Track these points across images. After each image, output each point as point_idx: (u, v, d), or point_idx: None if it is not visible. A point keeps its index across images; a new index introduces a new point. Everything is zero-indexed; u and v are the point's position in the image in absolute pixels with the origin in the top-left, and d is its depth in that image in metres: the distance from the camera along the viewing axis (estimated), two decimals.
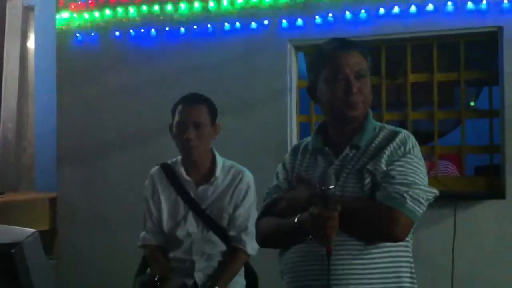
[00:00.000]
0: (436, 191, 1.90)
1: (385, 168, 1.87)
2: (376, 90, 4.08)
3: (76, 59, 4.81)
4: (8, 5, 5.70)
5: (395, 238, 1.84)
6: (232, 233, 2.71)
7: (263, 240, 2.11)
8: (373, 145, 1.95)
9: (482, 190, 3.92)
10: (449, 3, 3.85)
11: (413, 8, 3.93)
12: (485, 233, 3.83)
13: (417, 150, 1.94)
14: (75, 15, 4.75)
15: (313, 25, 4.14)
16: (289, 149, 4.09)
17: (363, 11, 4.03)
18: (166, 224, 2.75)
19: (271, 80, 4.25)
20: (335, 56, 1.95)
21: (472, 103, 5.44)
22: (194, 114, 2.67)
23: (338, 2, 4.07)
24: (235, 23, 4.32)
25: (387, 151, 1.90)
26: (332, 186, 1.75)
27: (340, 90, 1.92)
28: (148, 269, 2.79)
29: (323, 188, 1.75)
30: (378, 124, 2.04)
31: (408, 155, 1.89)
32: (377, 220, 1.82)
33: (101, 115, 4.73)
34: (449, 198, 3.74)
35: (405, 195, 1.81)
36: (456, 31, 3.90)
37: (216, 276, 2.66)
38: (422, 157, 1.95)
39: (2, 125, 5.65)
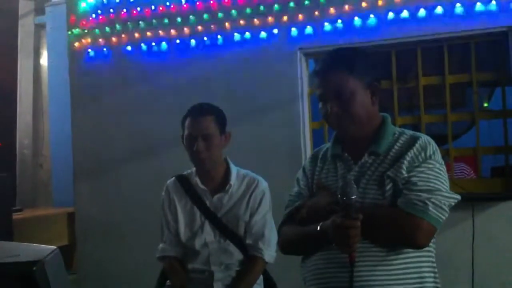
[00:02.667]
0: (458, 196, 1.89)
1: (406, 175, 1.86)
2: (387, 95, 4.09)
3: (88, 74, 4.85)
4: (20, 23, 5.78)
5: (417, 245, 1.84)
6: (248, 241, 2.71)
7: (286, 247, 2.11)
8: (393, 151, 1.95)
9: (499, 192, 3.89)
10: (458, 4, 3.85)
11: (422, 12, 3.92)
12: (503, 234, 3.80)
13: (438, 155, 1.93)
14: (86, 31, 4.80)
15: (323, 32, 4.15)
16: (302, 156, 4.15)
17: (372, 16, 4.03)
18: (183, 234, 2.76)
19: (283, 88, 4.26)
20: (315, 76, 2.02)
21: (485, 104, 5.40)
22: (202, 126, 2.67)
23: (347, 8, 4.08)
24: (245, 33, 4.35)
25: (408, 157, 1.90)
26: (354, 196, 1.75)
27: (323, 110, 1.99)
28: (168, 281, 2.80)
29: (344, 198, 1.75)
30: (398, 129, 2.04)
31: (429, 161, 1.89)
32: (399, 228, 1.82)
33: (115, 129, 4.76)
34: (466, 201, 3.69)
35: (427, 202, 1.81)
36: (466, 33, 3.89)
37: (234, 285, 2.66)
38: (443, 162, 1.94)
39: (18, 142, 5.72)
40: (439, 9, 3.89)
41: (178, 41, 4.54)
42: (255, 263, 2.70)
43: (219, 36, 4.43)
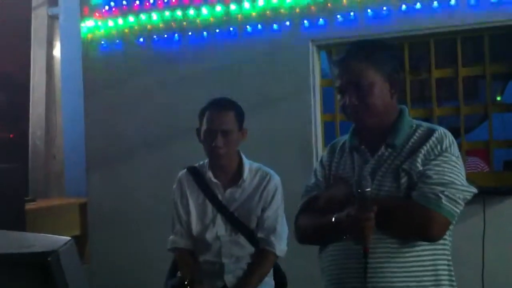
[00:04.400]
0: (474, 190, 1.89)
1: (421, 168, 1.87)
2: (400, 87, 4.06)
3: (101, 66, 4.87)
4: (33, 15, 5.81)
5: (431, 238, 1.86)
6: (260, 235, 2.72)
7: (302, 236, 2.13)
8: (410, 143, 1.95)
9: (511, 185, 3.87)
10: None
11: (435, 3, 3.89)
12: None
13: (455, 147, 1.93)
14: (99, 23, 4.82)
15: (335, 24, 4.14)
16: (314, 148, 4.15)
17: (384, 8, 4.01)
18: (195, 227, 2.78)
19: (294, 80, 4.26)
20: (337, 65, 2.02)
21: (498, 97, 5.36)
22: (222, 121, 2.66)
23: (359, 0, 4.06)
24: (257, 25, 4.34)
25: (423, 150, 1.90)
26: (369, 189, 1.77)
27: (341, 101, 2.01)
28: (179, 272, 2.82)
29: (359, 191, 1.77)
30: (415, 122, 2.04)
31: (445, 154, 1.89)
32: (413, 220, 1.83)
33: (127, 120, 4.78)
34: (478, 194, 3.67)
35: (440, 194, 1.81)
36: (480, 25, 3.85)
37: (246, 278, 2.67)
38: (459, 155, 1.94)
39: (31, 133, 5.76)
40: (452, 1, 3.86)
41: (190, 33, 4.55)
42: (267, 256, 2.71)
43: (231, 28, 4.42)
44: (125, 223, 4.75)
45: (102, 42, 4.83)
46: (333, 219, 1.89)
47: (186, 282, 2.59)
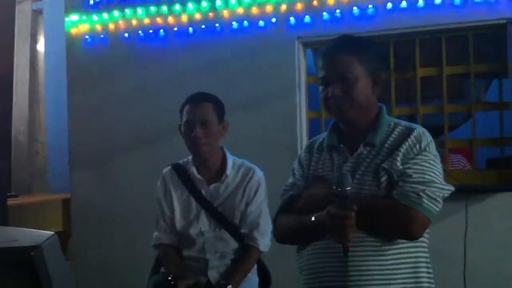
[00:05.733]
0: (451, 187, 1.91)
1: (400, 167, 1.88)
2: (385, 85, 4.09)
3: (86, 61, 4.84)
4: (17, 9, 5.75)
5: (412, 237, 1.87)
6: (244, 230, 2.73)
7: (281, 236, 2.13)
8: (388, 142, 1.96)
9: (493, 183, 3.91)
10: None
11: (420, 2, 3.92)
12: (497, 226, 3.82)
13: (433, 146, 1.94)
14: (84, 17, 4.78)
15: (321, 22, 4.14)
16: (299, 145, 4.16)
17: (370, 6, 4.02)
18: (178, 223, 2.78)
19: (280, 77, 4.26)
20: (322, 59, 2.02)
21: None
22: (201, 112, 2.69)
23: None
24: (243, 22, 4.33)
25: (402, 149, 1.91)
26: (349, 188, 1.77)
27: (323, 93, 1.99)
28: (162, 268, 2.81)
29: (340, 189, 1.77)
30: (394, 120, 2.05)
31: (424, 153, 1.90)
32: (394, 219, 1.84)
33: (112, 116, 4.75)
34: (461, 192, 3.71)
35: (421, 194, 1.82)
36: (465, 24, 3.88)
37: (229, 274, 2.67)
38: (437, 153, 1.95)
39: (14, 128, 5.71)
40: (437, 0, 3.89)
41: (176, 28, 4.53)
42: (250, 252, 2.72)
43: (217, 25, 4.41)
44: (109, 220, 4.72)
45: (87, 37, 4.80)
46: (313, 218, 1.89)
47: (169, 278, 2.59)
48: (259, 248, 2.71)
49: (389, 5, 3.98)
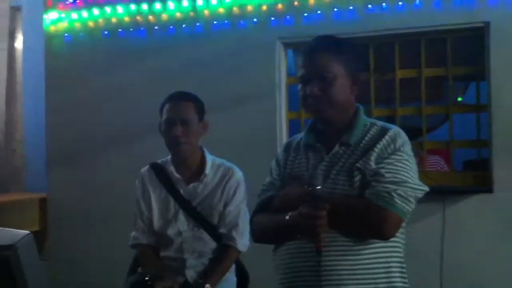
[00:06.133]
0: (426, 188, 1.91)
1: (374, 166, 1.88)
2: (365, 86, 4.12)
3: (64, 59, 4.79)
4: None
5: (383, 236, 1.87)
6: (222, 230, 2.72)
7: (258, 236, 2.12)
8: (363, 142, 1.96)
9: (470, 185, 3.96)
10: None
11: (401, 5, 3.95)
12: (473, 227, 3.87)
13: (407, 146, 1.95)
14: (63, 15, 4.73)
15: (302, 23, 4.16)
16: (278, 145, 4.17)
17: (351, 8, 4.05)
18: (156, 223, 2.76)
19: (261, 78, 4.27)
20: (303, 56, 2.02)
21: (459, 98, 5.47)
22: (181, 111, 2.68)
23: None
24: (224, 22, 4.33)
25: (377, 149, 1.91)
26: (320, 187, 1.77)
27: (302, 91, 2.00)
28: (140, 268, 2.80)
29: (310, 188, 1.77)
30: (369, 120, 2.05)
31: (398, 153, 1.90)
32: (365, 219, 1.84)
33: (90, 115, 4.72)
34: (438, 193, 3.77)
35: (393, 193, 1.82)
36: (444, 27, 3.93)
37: (207, 273, 2.67)
38: (412, 154, 1.96)
39: None
40: (417, 3, 3.92)
41: (156, 27, 4.51)
42: (229, 252, 2.71)
43: (197, 24, 4.40)
44: (86, 219, 4.69)
45: (66, 35, 4.75)
46: (287, 218, 1.89)
47: (147, 278, 2.57)
48: (237, 247, 2.71)
49: (370, 7, 4.01)
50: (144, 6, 4.52)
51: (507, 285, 3.80)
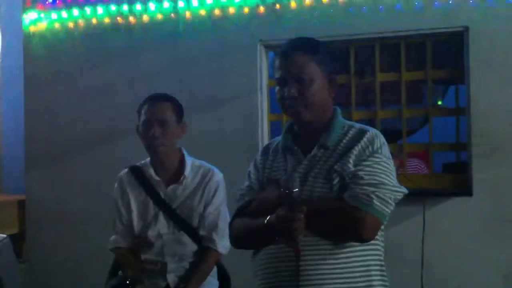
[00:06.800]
0: (405, 190, 1.91)
1: (352, 168, 1.87)
2: (345, 89, 4.13)
3: (43, 59, 4.73)
4: None
5: (362, 239, 1.86)
6: (202, 232, 2.70)
7: (237, 240, 2.10)
8: (341, 144, 1.95)
9: (449, 188, 3.99)
10: (416, 3, 3.91)
11: (381, 8, 3.97)
12: (453, 229, 3.90)
13: (385, 148, 1.94)
14: (42, 15, 4.68)
15: (283, 25, 4.16)
16: (260, 148, 4.14)
17: (332, 11, 4.06)
18: (136, 225, 2.74)
19: (242, 80, 4.26)
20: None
21: (439, 102, 5.53)
22: (159, 112, 2.66)
23: (308, 2, 4.10)
24: (206, 23, 4.31)
25: (355, 151, 1.90)
26: (296, 189, 1.76)
27: (279, 93, 1.99)
28: (120, 271, 2.77)
29: (287, 191, 1.76)
30: (347, 122, 2.04)
31: (376, 155, 1.90)
32: (344, 221, 1.83)
33: (69, 117, 4.66)
34: (418, 195, 3.80)
35: (371, 195, 1.82)
36: (424, 31, 3.96)
37: (188, 277, 2.65)
38: (390, 156, 1.95)
39: None
40: (398, 7, 3.95)
41: (137, 28, 4.48)
42: (209, 254, 2.70)
43: (179, 26, 4.38)
44: (65, 222, 4.63)
45: (45, 35, 4.69)
46: (265, 221, 1.88)
47: (128, 282, 2.55)
48: (217, 250, 2.69)
49: (350, 10, 4.03)
50: (125, 7, 4.48)
51: (487, 287, 3.84)
